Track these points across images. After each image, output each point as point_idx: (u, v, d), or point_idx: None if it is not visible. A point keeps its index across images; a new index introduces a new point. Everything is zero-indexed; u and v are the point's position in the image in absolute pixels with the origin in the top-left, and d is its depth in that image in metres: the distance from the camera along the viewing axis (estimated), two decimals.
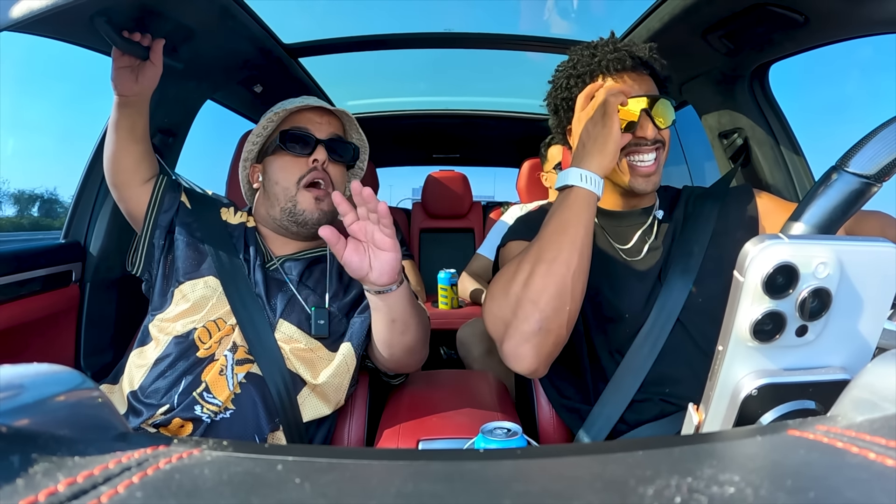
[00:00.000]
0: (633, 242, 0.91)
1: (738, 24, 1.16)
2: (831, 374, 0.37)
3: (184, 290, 0.90)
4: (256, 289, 0.91)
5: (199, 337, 0.86)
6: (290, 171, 0.94)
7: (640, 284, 0.86)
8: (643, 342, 0.82)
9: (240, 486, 0.18)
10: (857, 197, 0.47)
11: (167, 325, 0.88)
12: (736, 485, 0.17)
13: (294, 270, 0.96)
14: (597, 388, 0.86)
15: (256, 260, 0.95)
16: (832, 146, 0.78)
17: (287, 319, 0.90)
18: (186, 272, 0.91)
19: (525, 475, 0.20)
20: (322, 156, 0.94)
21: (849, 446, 0.20)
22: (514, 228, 0.94)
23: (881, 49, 1.12)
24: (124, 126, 0.95)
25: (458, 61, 2.04)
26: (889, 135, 0.45)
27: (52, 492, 0.16)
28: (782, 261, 0.34)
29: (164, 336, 0.87)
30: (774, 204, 0.91)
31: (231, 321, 0.87)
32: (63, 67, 28.68)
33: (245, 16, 1.32)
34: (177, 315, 0.88)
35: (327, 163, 0.95)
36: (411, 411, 0.95)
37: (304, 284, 0.95)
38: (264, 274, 0.94)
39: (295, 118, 0.97)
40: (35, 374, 0.23)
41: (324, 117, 0.98)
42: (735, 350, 0.37)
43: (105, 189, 1.40)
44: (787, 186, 1.34)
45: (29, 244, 1.26)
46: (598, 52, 0.87)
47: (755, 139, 1.36)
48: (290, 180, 0.94)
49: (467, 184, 2.72)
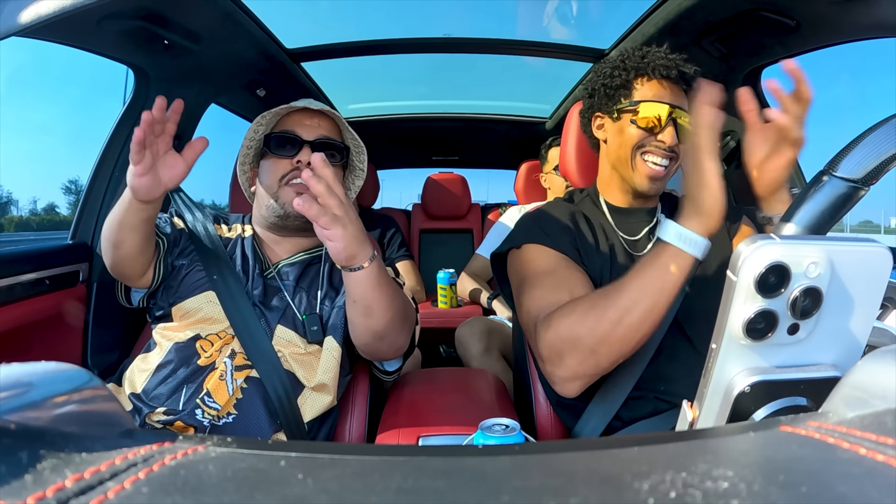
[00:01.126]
0: (640, 237, 0.92)
1: (731, 29, 1.16)
2: (822, 371, 0.37)
3: (185, 307, 0.90)
4: (254, 298, 0.91)
5: (200, 346, 0.86)
6: (274, 172, 0.95)
7: None
8: None
9: (244, 482, 0.18)
10: (846, 201, 0.47)
11: (170, 333, 0.89)
12: (729, 480, 0.17)
13: (291, 275, 0.97)
14: (593, 386, 0.86)
15: (255, 269, 0.95)
16: (824, 148, 0.78)
17: (284, 325, 0.90)
18: (188, 290, 0.91)
19: (523, 471, 0.20)
20: (306, 156, 0.93)
21: (840, 442, 0.20)
22: (528, 230, 0.91)
23: (871, 53, 1.13)
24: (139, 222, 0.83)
25: (456, 66, 2.05)
26: (875, 139, 0.46)
27: (60, 487, 0.16)
28: (774, 261, 0.34)
29: (166, 342, 0.88)
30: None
31: (231, 331, 0.88)
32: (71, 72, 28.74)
33: (249, 21, 1.32)
34: (179, 325, 0.89)
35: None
36: (411, 408, 0.95)
37: (300, 288, 0.96)
38: (263, 282, 0.94)
39: (285, 121, 0.97)
40: (43, 372, 0.23)
41: (314, 119, 0.97)
42: (728, 348, 0.37)
43: (112, 190, 1.40)
44: None
45: (37, 245, 1.26)
46: (648, 55, 0.89)
47: None
48: (273, 179, 0.95)
49: (466, 185, 2.72)
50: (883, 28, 0.94)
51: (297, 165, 0.93)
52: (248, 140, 0.97)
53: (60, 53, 11.23)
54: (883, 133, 0.45)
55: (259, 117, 0.96)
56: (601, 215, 0.94)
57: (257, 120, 0.95)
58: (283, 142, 0.95)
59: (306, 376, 0.89)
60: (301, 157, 0.93)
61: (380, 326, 0.84)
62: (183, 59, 1.31)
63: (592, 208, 0.96)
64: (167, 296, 0.92)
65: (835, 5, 0.96)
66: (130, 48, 1.24)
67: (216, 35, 1.28)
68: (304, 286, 0.96)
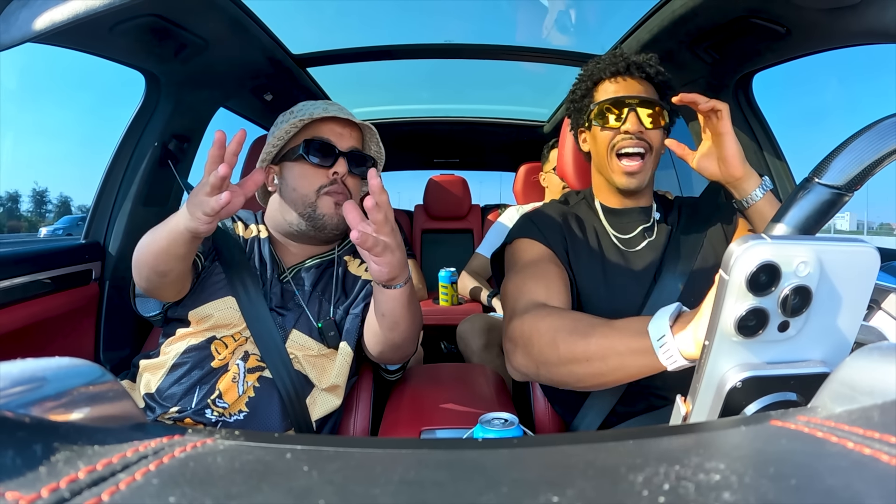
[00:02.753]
0: (634, 235, 0.92)
1: (723, 35, 1.16)
2: (812, 367, 0.37)
3: (204, 312, 0.87)
4: (271, 303, 0.89)
5: (215, 348, 0.85)
6: (310, 180, 0.90)
7: (636, 282, 0.86)
8: None
9: (251, 474, 0.18)
10: (830, 206, 0.47)
11: (184, 334, 0.87)
12: (721, 472, 0.17)
13: (307, 281, 0.94)
14: None
15: (273, 274, 0.92)
16: (813, 152, 0.78)
17: (299, 329, 0.89)
18: (208, 294, 0.88)
19: (521, 463, 0.20)
20: (343, 169, 0.90)
21: (828, 436, 0.20)
22: (521, 225, 0.92)
23: (859, 59, 1.13)
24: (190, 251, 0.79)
25: (457, 71, 2.04)
26: (857, 147, 0.45)
27: (73, 479, 0.16)
28: (765, 260, 0.34)
29: (180, 343, 0.86)
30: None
31: (246, 333, 0.86)
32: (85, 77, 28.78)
33: (256, 28, 1.32)
34: (194, 328, 0.87)
35: (346, 175, 0.91)
36: (413, 403, 0.95)
37: (316, 292, 0.94)
38: (280, 287, 0.92)
39: (318, 126, 0.92)
40: (57, 367, 0.23)
41: (346, 129, 0.93)
42: (720, 345, 0.37)
43: (123, 191, 1.40)
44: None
45: (51, 244, 1.26)
46: (602, 60, 0.91)
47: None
48: (309, 189, 0.90)
49: (467, 187, 2.72)
50: (871, 35, 0.94)
51: (334, 178, 0.90)
52: (277, 139, 0.91)
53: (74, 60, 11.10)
54: (865, 140, 0.45)
55: (294, 118, 0.90)
56: (595, 217, 0.94)
57: (291, 121, 0.90)
58: (322, 150, 0.90)
59: (318, 377, 0.88)
60: (338, 169, 0.90)
61: (400, 339, 0.85)
62: (192, 64, 1.31)
63: (587, 210, 0.96)
64: (187, 302, 0.88)
65: (824, 13, 0.95)
66: (142, 54, 1.24)
67: (225, 41, 1.28)
68: (319, 291, 0.94)
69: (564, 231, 0.90)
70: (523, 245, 0.89)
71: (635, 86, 0.88)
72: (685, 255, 0.86)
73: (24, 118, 53.66)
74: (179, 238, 0.74)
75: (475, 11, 1.76)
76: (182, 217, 0.73)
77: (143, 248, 0.80)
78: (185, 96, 1.42)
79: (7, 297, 1.08)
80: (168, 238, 0.75)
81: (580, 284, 0.86)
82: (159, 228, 0.78)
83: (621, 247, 0.90)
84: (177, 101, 1.41)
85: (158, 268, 0.79)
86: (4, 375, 0.21)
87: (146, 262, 0.79)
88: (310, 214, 0.91)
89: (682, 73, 1.38)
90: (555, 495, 0.16)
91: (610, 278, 0.86)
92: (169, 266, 0.79)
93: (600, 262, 0.88)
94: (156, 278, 0.81)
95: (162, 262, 0.78)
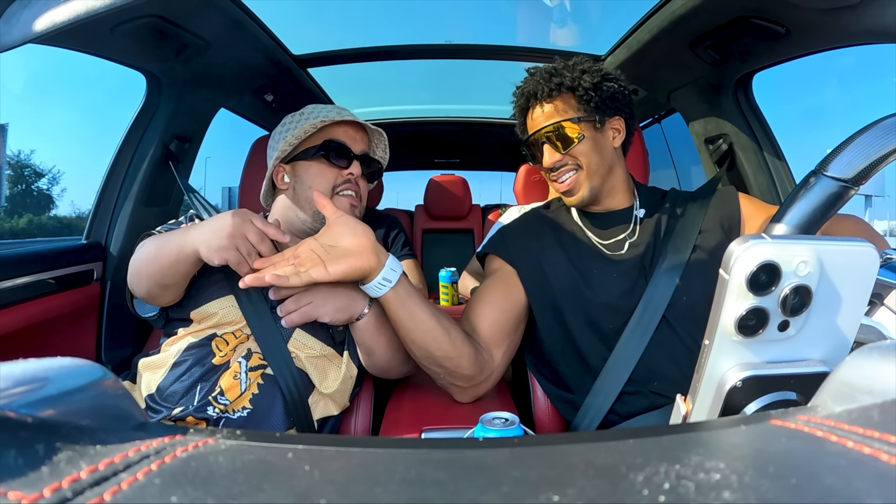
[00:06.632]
0: (615, 239, 0.92)
1: (723, 35, 1.16)
2: (811, 366, 0.37)
3: (205, 312, 0.87)
4: (273, 302, 0.88)
5: (216, 345, 0.85)
6: (326, 179, 0.93)
7: (622, 279, 0.86)
8: (630, 336, 0.82)
9: (252, 473, 0.18)
10: (836, 199, 0.47)
11: (185, 332, 0.87)
12: (721, 471, 0.17)
13: None
14: (586, 381, 0.86)
15: None
16: (813, 151, 0.78)
17: (301, 328, 0.89)
18: (207, 295, 0.88)
19: (522, 462, 0.20)
20: (357, 170, 0.94)
21: (828, 435, 0.20)
22: (492, 241, 0.97)
23: (858, 59, 1.13)
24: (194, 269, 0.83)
25: (458, 71, 2.04)
26: (865, 140, 0.46)
27: (76, 479, 0.16)
28: (765, 259, 0.34)
29: (181, 341, 0.86)
30: (756, 207, 0.91)
31: (247, 330, 0.86)
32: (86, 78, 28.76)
33: (257, 29, 1.32)
34: (195, 327, 0.87)
35: (359, 177, 0.96)
36: (414, 403, 0.95)
37: None
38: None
39: (332, 129, 0.95)
40: (59, 367, 0.23)
41: (359, 133, 0.97)
42: (721, 344, 0.37)
43: (124, 192, 1.40)
44: (770, 189, 1.33)
45: (53, 244, 1.26)
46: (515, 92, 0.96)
47: (739, 144, 1.36)
48: (326, 187, 0.93)
49: (467, 187, 2.72)
50: (871, 35, 0.94)
51: (349, 178, 0.94)
52: (294, 138, 0.92)
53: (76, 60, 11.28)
54: (873, 135, 0.45)
55: (312, 118, 0.93)
56: (573, 222, 0.97)
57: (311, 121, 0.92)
58: (340, 152, 0.94)
59: (319, 379, 0.88)
60: (353, 170, 0.94)
61: (382, 362, 0.89)
62: (193, 65, 1.31)
63: (566, 215, 0.99)
64: (188, 302, 0.89)
65: (823, 13, 0.95)
66: (143, 55, 1.24)
67: (225, 42, 1.28)
68: None
69: (537, 242, 0.93)
70: (488, 262, 0.97)
71: (542, 115, 0.92)
72: (679, 249, 0.86)
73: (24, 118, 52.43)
74: (189, 259, 0.78)
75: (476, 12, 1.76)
76: (196, 243, 0.76)
77: (144, 262, 0.82)
78: (186, 97, 1.42)
79: (9, 297, 1.08)
80: (176, 256, 0.78)
81: (557, 289, 0.88)
82: (164, 245, 0.80)
83: (603, 249, 0.91)
84: (178, 101, 1.41)
85: (164, 282, 0.81)
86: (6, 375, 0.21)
87: (149, 274, 0.81)
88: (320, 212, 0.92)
89: (682, 73, 1.38)
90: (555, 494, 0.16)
91: (589, 279, 0.87)
92: (174, 280, 0.81)
93: (577, 263, 0.89)
94: (157, 290, 0.83)
95: (168, 277, 0.81)
